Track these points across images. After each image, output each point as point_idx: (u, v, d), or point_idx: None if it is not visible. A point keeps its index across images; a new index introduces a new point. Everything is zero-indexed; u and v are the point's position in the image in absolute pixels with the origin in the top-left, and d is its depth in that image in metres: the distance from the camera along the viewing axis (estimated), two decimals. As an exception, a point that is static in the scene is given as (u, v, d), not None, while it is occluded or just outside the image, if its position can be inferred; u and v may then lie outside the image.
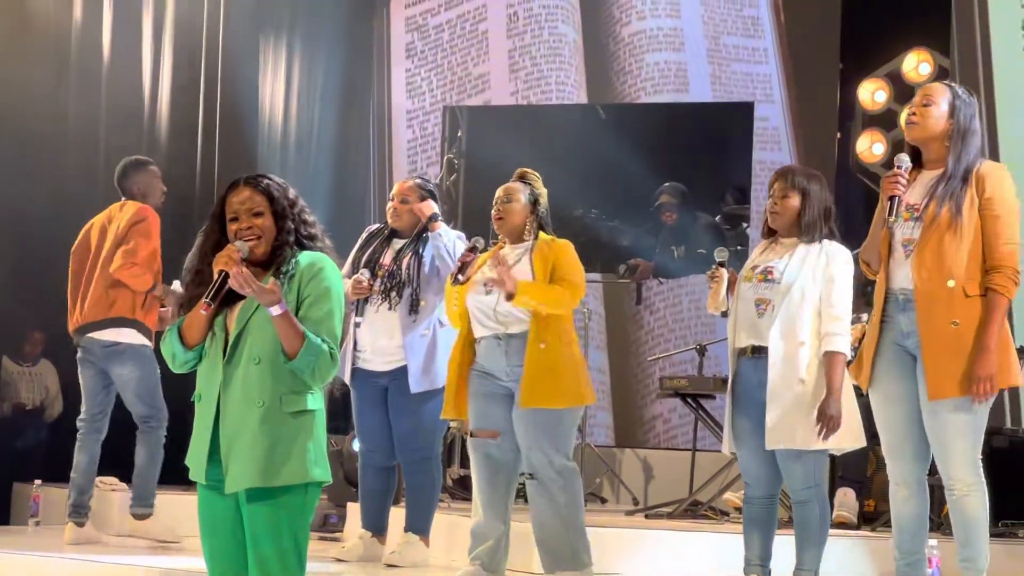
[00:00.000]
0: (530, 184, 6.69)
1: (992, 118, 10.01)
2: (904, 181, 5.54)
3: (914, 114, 5.61)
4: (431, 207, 7.26)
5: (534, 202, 6.66)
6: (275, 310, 4.44)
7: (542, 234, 6.63)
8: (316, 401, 4.60)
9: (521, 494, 8.09)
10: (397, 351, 7.15)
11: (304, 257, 4.61)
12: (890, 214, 5.53)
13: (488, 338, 6.52)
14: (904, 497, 5.64)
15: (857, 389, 5.98)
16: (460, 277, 6.46)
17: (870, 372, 5.66)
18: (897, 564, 5.68)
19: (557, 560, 6.46)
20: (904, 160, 5.60)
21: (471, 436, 6.58)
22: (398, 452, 7.23)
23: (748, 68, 11.42)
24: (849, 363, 5.98)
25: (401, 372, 7.15)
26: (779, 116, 11.22)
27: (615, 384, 11.29)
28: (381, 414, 7.23)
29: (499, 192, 6.70)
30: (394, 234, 7.40)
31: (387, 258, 7.28)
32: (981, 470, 5.53)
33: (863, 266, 5.80)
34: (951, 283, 5.46)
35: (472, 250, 6.55)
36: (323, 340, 4.51)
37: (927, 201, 5.53)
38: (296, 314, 4.51)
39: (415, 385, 7.12)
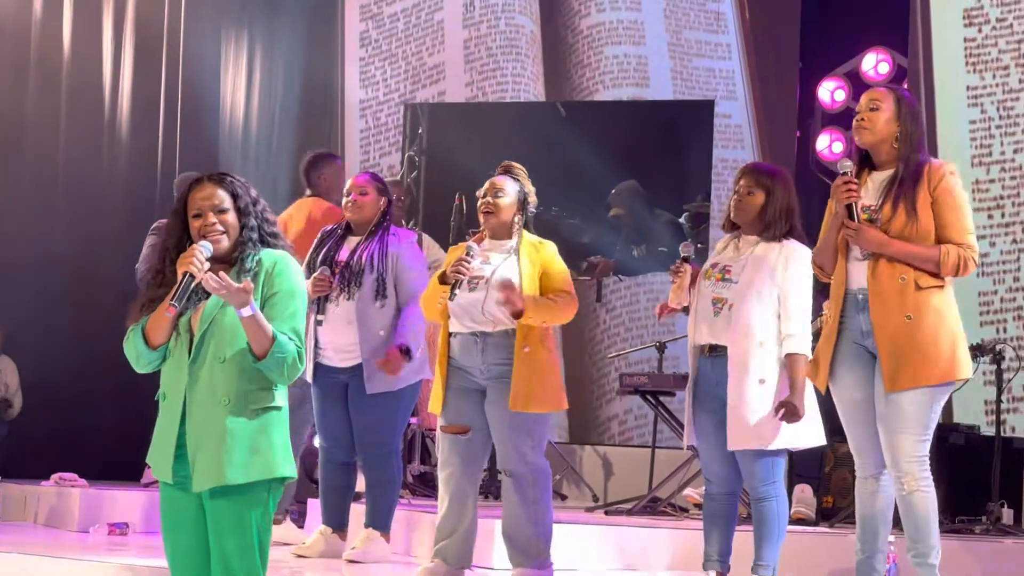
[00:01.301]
0: (518, 179, 6.60)
1: (932, 115, 10.09)
2: (856, 188, 5.62)
3: (863, 119, 5.69)
4: (400, 362, 7.05)
5: (523, 199, 6.62)
6: (245, 311, 4.45)
7: (526, 233, 6.58)
8: (281, 398, 4.62)
9: (489, 491, 8.13)
10: (355, 347, 7.14)
11: (267, 256, 4.62)
12: (851, 218, 5.59)
13: (464, 335, 6.48)
14: (872, 491, 5.68)
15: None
16: (456, 292, 6.39)
17: (829, 372, 5.70)
18: (858, 558, 5.72)
19: (523, 556, 6.49)
20: (847, 165, 5.69)
21: (441, 430, 6.59)
22: (358, 448, 7.23)
23: (710, 64, 11.44)
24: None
25: (359, 369, 7.15)
26: (742, 113, 11.25)
27: (570, 382, 11.27)
28: (341, 410, 7.23)
29: (487, 185, 6.57)
30: (349, 232, 7.37)
31: (343, 255, 7.27)
32: (928, 466, 5.58)
33: (816, 269, 5.85)
34: (903, 278, 5.53)
35: (467, 260, 6.39)
36: (290, 339, 4.53)
37: (882, 202, 5.61)
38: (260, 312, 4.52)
39: (369, 386, 7.11)
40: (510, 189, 6.54)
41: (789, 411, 5.88)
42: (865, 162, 5.77)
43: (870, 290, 5.58)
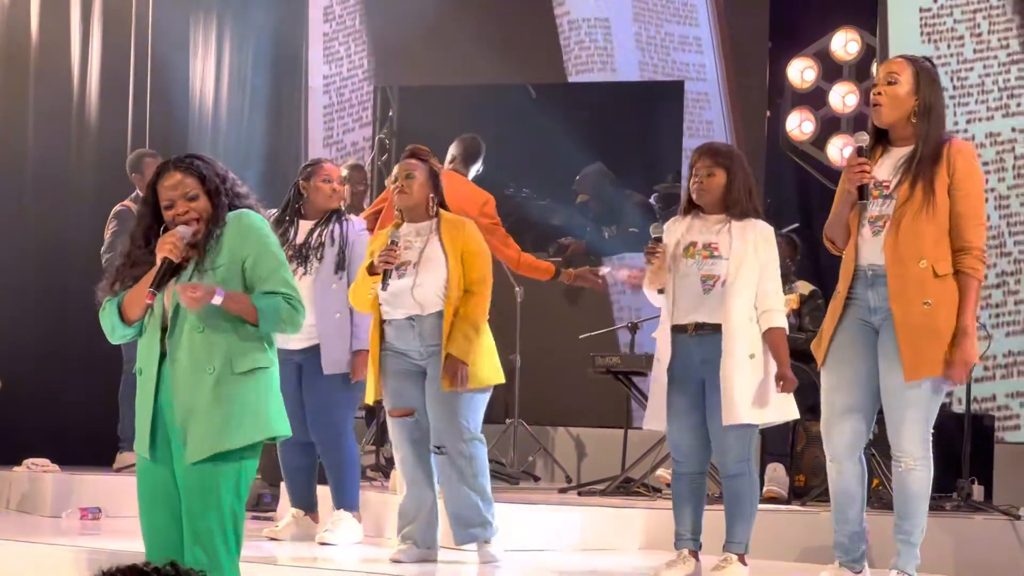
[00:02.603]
0: (426, 160, 6.69)
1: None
2: (869, 169, 5.52)
3: (880, 94, 5.57)
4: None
5: (435, 178, 6.67)
6: (217, 300, 4.50)
7: (443, 212, 6.65)
8: (268, 358, 4.65)
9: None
10: (310, 329, 7.14)
11: (231, 218, 4.66)
12: (862, 198, 5.52)
13: (400, 320, 6.54)
14: (839, 472, 5.67)
15: (799, 365, 6.06)
16: (388, 283, 6.45)
17: (828, 347, 5.67)
18: (835, 536, 5.72)
19: (468, 528, 6.53)
20: (864, 139, 5.59)
21: (388, 415, 6.63)
22: (311, 430, 7.23)
23: (683, 46, 11.42)
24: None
25: (315, 349, 7.17)
26: (714, 92, 11.25)
27: (542, 363, 11.26)
28: (295, 391, 7.21)
29: (397, 169, 6.67)
30: (299, 216, 7.35)
31: (300, 238, 7.27)
32: (930, 447, 5.57)
33: (827, 243, 5.80)
34: (923, 263, 5.45)
35: (393, 249, 6.48)
36: (277, 292, 4.57)
37: (899, 179, 5.51)
38: (243, 275, 4.57)
39: (328, 367, 7.15)
40: (420, 170, 6.61)
41: (788, 382, 5.94)
42: (882, 137, 5.66)
43: (890, 272, 5.49)
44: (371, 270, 6.52)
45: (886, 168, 5.57)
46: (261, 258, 4.64)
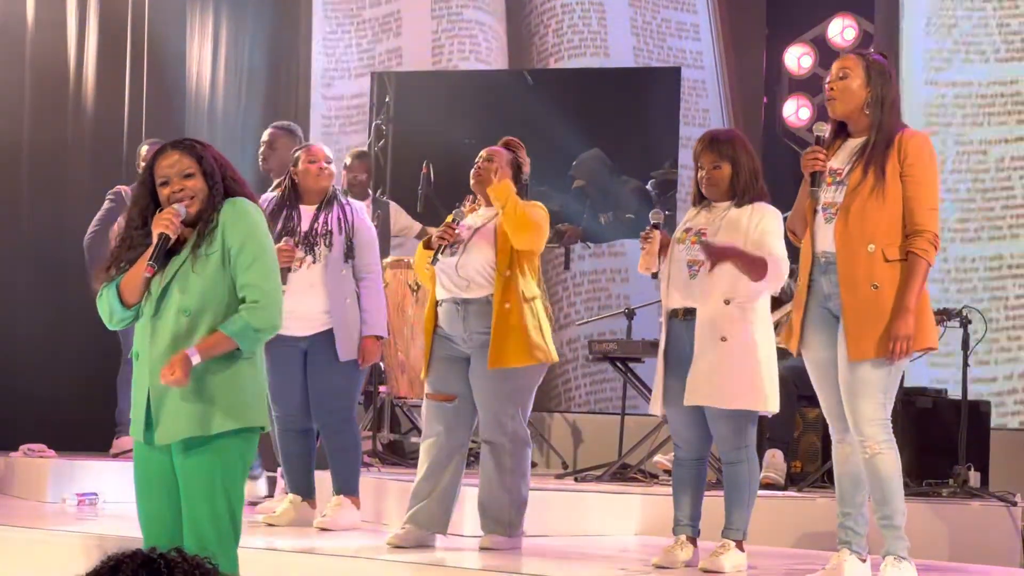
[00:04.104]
0: (513, 151, 6.73)
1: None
2: (823, 157, 5.61)
3: (832, 89, 5.67)
4: (378, 351, 7.32)
5: (517, 167, 6.69)
6: (196, 360, 4.53)
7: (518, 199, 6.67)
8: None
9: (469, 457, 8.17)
10: (321, 316, 7.14)
11: (224, 206, 4.68)
12: (815, 185, 5.60)
13: (448, 302, 6.57)
14: (847, 455, 5.70)
15: (782, 351, 6.06)
16: (440, 257, 6.48)
17: (800, 336, 5.72)
18: (840, 522, 5.74)
19: (494, 524, 6.53)
20: (823, 128, 5.68)
21: (427, 398, 6.64)
22: (316, 415, 7.24)
23: (680, 32, 11.43)
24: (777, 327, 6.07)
25: (322, 336, 7.16)
26: (711, 80, 11.25)
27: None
28: (298, 377, 7.22)
29: (482, 152, 6.70)
30: (297, 201, 7.35)
31: (305, 224, 7.27)
32: (890, 429, 5.60)
33: (790, 235, 5.86)
34: (871, 247, 5.53)
35: (451, 227, 6.52)
36: (244, 289, 4.56)
37: (850, 167, 5.60)
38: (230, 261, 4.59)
39: (342, 353, 7.14)
40: (501, 156, 6.68)
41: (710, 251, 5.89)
42: (843, 129, 5.74)
43: (839, 256, 5.58)
44: (426, 244, 6.58)
45: (841, 157, 5.68)
46: (246, 246, 4.64)
